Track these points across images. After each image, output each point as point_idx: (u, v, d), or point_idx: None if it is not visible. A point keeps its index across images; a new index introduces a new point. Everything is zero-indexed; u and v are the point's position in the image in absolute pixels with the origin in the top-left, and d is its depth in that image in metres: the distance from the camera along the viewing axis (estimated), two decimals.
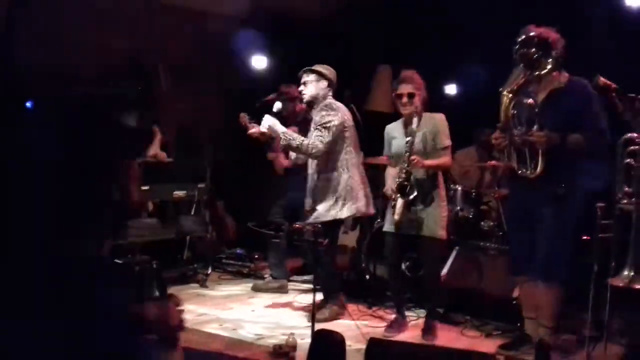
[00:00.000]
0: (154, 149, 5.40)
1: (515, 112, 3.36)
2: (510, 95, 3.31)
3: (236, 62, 6.48)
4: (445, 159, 3.93)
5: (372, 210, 4.41)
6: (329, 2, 6.13)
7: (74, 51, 5.30)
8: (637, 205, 2.98)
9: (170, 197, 5.07)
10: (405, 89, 3.88)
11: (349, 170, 4.21)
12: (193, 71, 6.15)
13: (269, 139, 4.57)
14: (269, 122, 4.18)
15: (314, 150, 4.11)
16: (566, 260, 3.35)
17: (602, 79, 3.14)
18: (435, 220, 3.87)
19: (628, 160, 3.07)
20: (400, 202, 3.81)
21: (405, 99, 3.88)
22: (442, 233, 3.91)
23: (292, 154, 4.66)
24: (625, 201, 3.08)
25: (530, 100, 3.34)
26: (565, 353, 3.51)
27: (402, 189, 3.82)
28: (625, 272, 2.94)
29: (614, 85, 3.10)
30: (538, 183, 3.34)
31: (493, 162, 4.85)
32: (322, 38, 4.56)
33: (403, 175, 3.82)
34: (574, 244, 3.46)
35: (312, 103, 4.31)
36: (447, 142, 3.91)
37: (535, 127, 3.30)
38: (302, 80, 4.33)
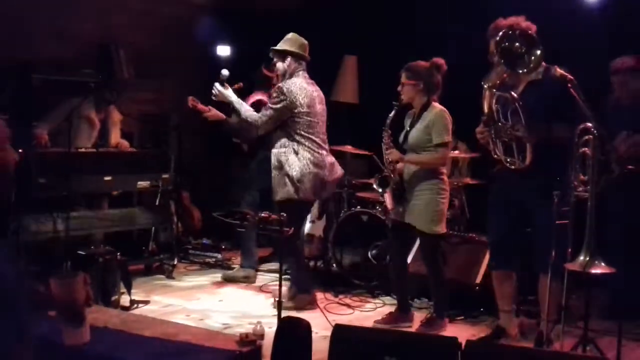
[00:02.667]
0: (116, 138, 5.29)
1: (498, 106, 3.31)
2: (493, 89, 3.27)
3: (200, 51, 6.42)
4: (432, 156, 3.75)
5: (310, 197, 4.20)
6: None
7: (34, 36, 5.18)
8: (591, 192, 3.06)
9: (133, 187, 4.99)
10: (402, 78, 3.85)
11: (296, 154, 4.12)
12: (157, 59, 6.06)
13: (218, 118, 4.54)
14: (220, 88, 4.16)
15: (256, 124, 4.16)
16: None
17: (558, 69, 3.21)
18: (424, 213, 3.77)
19: (583, 149, 3.15)
20: (386, 193, 3.87)
21: (399, 88, 3.86)
22: (435, 228, 3.78)
23: None
24: (580, 189, 3.15)
25: (512, 94, 3.29)
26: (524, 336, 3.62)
27: (381, 182, 3.89)
28: (581, 258, 3.02)
29: (569, 77, 3.16)
30: (528, 174, 3.32)
31: (454, 153, 4.91)
32: (287, 28, 4.56)
33: (385, 168, 3.92)
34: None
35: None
36: (440, 139, 3.70)
37: (521, 121, 3.25)
38: (273, 61, 4.32)
